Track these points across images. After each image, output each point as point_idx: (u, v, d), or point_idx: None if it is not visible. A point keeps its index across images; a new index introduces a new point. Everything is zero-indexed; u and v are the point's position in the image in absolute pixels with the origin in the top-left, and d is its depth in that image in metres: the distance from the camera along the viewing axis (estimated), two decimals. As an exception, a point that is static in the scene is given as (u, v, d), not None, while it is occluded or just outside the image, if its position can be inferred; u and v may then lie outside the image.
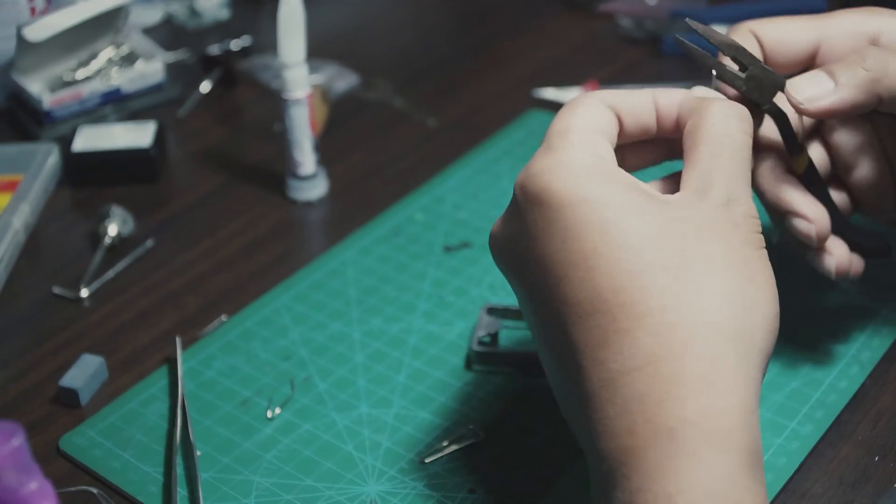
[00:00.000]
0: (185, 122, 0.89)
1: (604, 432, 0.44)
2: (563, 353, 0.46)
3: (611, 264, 0.44)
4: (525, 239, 0.47)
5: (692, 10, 0.99)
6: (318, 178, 0.79)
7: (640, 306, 0.44)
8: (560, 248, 0.46)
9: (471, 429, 0.60)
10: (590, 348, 0.44)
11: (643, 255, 0.45)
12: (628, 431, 0.43)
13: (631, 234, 0.45)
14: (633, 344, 0.43)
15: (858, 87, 0.53)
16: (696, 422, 0.42)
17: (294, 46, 0.75)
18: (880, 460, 0.57)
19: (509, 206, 0.49)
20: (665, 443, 0.42)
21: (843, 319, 0.65)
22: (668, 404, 0.42)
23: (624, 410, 0.43)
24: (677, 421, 0.42)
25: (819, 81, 0.54)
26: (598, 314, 0.44)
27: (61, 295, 0.71)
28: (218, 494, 0.56)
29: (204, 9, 1.02)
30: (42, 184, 0.80)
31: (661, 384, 0.43)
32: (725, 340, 0.44)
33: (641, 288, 0.44)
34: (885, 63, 0.53)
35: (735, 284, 0.45)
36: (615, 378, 0.43)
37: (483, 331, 0.65)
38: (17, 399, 0.64)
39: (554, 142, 0.49)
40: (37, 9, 0.88)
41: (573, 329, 0.45)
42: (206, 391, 0.63)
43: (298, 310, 0.68)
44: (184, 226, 0.78)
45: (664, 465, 0.42)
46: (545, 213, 0.46)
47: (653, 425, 0.42)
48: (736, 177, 0.48)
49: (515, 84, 0.92)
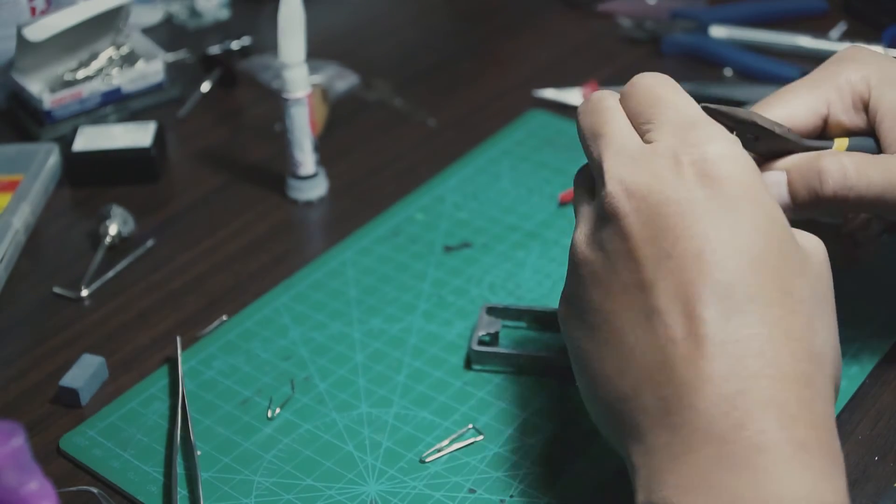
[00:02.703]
0: (185, 122, 0.89)
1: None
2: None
3: (768, 274, 0.46)
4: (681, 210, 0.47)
5: (692, 10, 0.99)
6: (318, 178, 0.79)
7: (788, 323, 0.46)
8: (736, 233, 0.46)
9: (471, 429, 0.60)
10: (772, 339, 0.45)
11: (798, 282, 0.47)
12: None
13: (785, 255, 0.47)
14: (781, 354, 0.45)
15: (814, 207, 0.56)
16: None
17: (294, 46, 0.75)
18: (880, 460, 0.57)
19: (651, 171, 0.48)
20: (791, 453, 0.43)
21: (844, 319, 0.65)
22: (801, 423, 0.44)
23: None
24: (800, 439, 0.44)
25: (776, 188, 0.57)
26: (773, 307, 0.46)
27: (61, 295, 0.71)
28: (218, 494, 0.56)
29: (204, 9, 1.02)
30: (42, 184, 0.80)
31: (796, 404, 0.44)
32: (830, 380, 0.47)
33: (791, 307, 0.46)
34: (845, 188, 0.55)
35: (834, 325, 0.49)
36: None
37: (483, 331, 0.65)
38: (17, 399, 0.64)
39: (712, 126, 0.49)
40: (37, 9, 0.88)
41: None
42: (206, 391, 0.63)
43: (298, 310, 0.68)
44: (184, 226, 0.78)
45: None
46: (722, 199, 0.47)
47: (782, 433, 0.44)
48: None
49: (515, 84, 0.92)
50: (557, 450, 0.58)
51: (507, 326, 0.66)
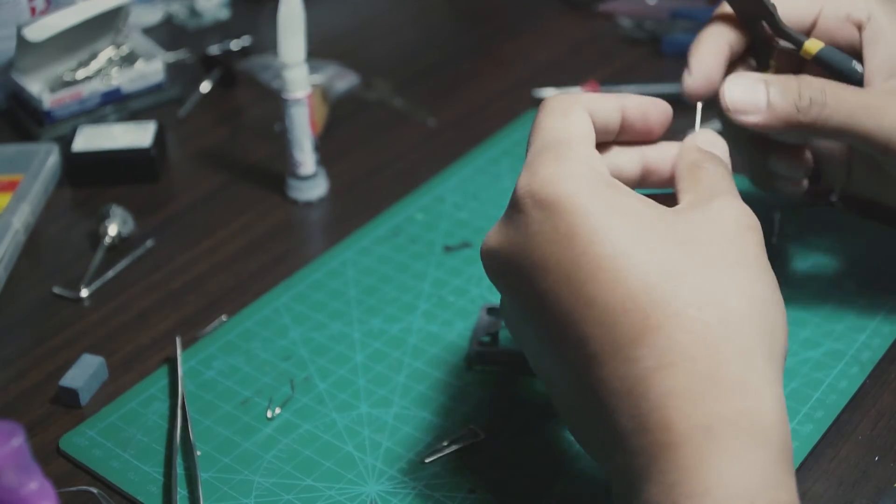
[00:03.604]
0: (185, 122, 0.89)
1: (636, 428, 0.43)
2: (580, 356, 0.46)
3: (641, 265, 0.45)
4: (533, 246, 0.47)
5: (692, 10, 0.99)
6: (318, 178, 0.79)
7: (673, 304, 0.44)
8: (582, 252, 0.46)
9: (471, 429, 0.60)
10: (620, 347, 0.44)
11: (672, 257, 0.45)
12: (664, 427, 0.43)
13: (656, 238, 0.46)
14: (668, 340, 0.44)
15: (785, 120, 0.57)
16: (733, 419, 0.42)
17: (294, 46, 0.75)
18: (880, 460, 0.57)
19: (509, 215, 0.49)
20: (702, 439, 0.42)
21: (843, 319, 0.65)
22: (705, 401, 0.43)
23: (659, 405, 0.43)
24: (715, 418, 0.42)
25: (753, 93, 0.57)
26: (630, 312, 0.44)
27: (61, 295, 0.71)
28: (218, 494, 0.56)
29: (204, 9, 1.02)
30: (42, 184, 0.80)
31: (697, 381, 0.43)
32: (755, 339, 0.45)
33: (673, 287, 0.44)
34: (819, 106, 0.56)
35: (754, 285, 0.46)
36: (649, 374, 0.43)
37: (483, 331, 0.65)
38: (17, 399, 0.64)
39: (560, 150, 0.49)
40: (37, 9, 0.88)
41: (598, 330, 0.45)
42: (206, 391, 0.63)
43: (298, 310, 0.68)
44: (184, 226, 0.78)
45: (702, 460, 0.42)
46: (565, 220, 0.46)
47: (690, 421, 0.42)
48: (732, 187, 0.50)
49: (515, 84, 0.92)
50: (557, 450, 0.58)
51: (507, 326, 0.66)
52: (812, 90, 0.57)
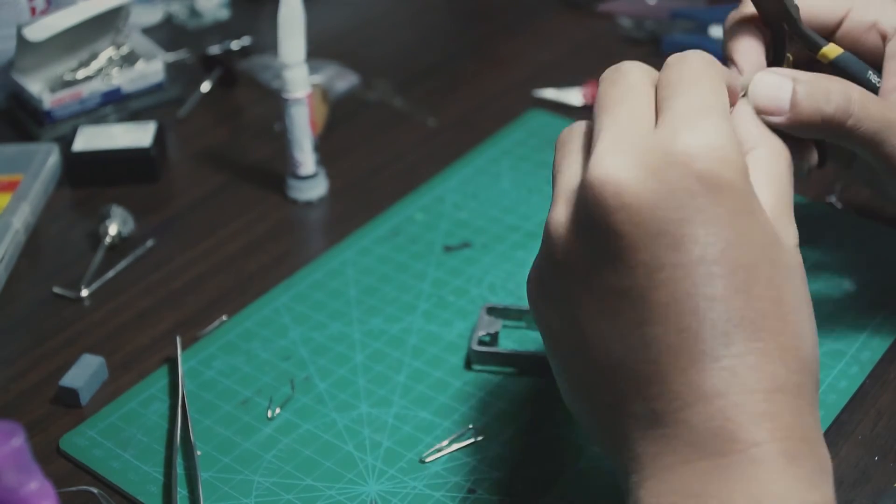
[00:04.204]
0: (185, 122, 0.89)
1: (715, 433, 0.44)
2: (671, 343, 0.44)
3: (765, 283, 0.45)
4: (683, 215, 0.44)
5: (692, 10, 0.99)
6: (318, 178, 0.79)
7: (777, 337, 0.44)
8: (723, 250, 0.44)
9: (471, 429, 0.60)
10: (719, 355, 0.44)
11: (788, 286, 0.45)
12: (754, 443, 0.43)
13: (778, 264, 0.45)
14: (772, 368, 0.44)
15: (809, 125, 0.53)
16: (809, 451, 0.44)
17: (294, 46, 0.75)
18: (880, 460, 0.57)
19: (654, 168, 0.44)
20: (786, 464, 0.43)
21: (843, 319, 0.65)
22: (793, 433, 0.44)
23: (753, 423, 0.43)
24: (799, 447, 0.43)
25: (779, 92, 0.54)
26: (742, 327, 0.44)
27: (61, 295, 0.71)
28: (218, 494, 0.56)
29: (204, 9, 1.02)
30: (42, 184, 0.80)
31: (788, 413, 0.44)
32: (816, 384, 0.46)
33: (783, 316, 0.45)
34: (845, 114, 0.54)
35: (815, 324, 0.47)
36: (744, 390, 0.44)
37: (483, 331, 0.65)
38: (17, 399, 0.64)
39: (716, 108, 0.46)
40: (37, 9, 0.88)
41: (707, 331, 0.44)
42: (206, 391, 0.63)
43: (298, 310, 0.68)
44: (184, 226, 0.78)
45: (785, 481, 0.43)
46: (727, 205, 0.44)
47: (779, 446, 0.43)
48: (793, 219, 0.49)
49: (515, 84, 0.92)
50: (557, 450, 0.58)
51: (507, 326, 0.66)
52: (840, 97, 0.54)
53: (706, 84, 0.47)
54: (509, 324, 0.66)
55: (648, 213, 0.44)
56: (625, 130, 0.46)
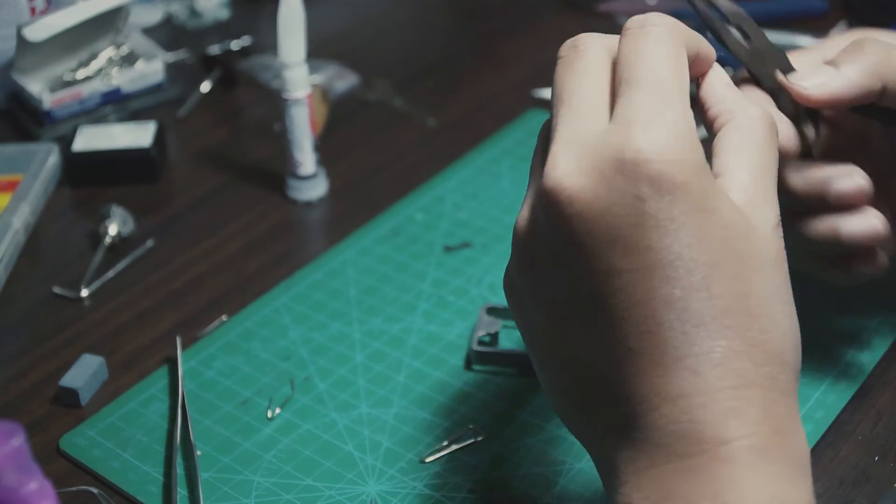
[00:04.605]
0: (185, 122, 0.89)
1: (683, 434, 0.43)
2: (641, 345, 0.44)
3: (726, 280, 0.44)
4: (634, 219, 0.43)
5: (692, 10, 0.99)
6: (318, 178, 0.79)
7: (747, 333, 0.44)
8: (681, 252, 0.43)
9: (471, 429, 0.60)
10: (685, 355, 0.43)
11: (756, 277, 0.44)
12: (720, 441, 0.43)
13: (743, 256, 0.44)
14: (739, 365, 0.43)
15: (862, 71, 0.54)
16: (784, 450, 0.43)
17: (294, 46, 0.75)
18: (880, 460, 0.57)
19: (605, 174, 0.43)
20: (759, 462, 0.42)
21: (844, 319, 0.65)
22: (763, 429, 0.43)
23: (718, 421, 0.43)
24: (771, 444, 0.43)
25: (822, 69, 0.54)
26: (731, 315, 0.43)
27: (61, 295, 0.71)
28: (218, 494, 0.56)
29: (204, 9, 1.02)
30: (42, 184, 0.80)
31: (759, 408, 0.43)
32: (796, 375, 0.45)
33: (755, 315, 0.44)
34: (885, 51, 0.54)
35: (793, 311, 0.46)
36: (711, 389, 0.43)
37: (483, 331, 0.65)
38: (17, 399, 0.64)
39: (679, 118, 0.44)
40: (37, 9, 0.88)
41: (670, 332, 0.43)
42: (206, 391, 0.63)
43: (298, 310, 0.68)
44: (184, 226, 0.78)
45: (756, 480, 0.42)
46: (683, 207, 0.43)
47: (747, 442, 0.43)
48: (775, 195, 0.47)
49: (515, 84, 0.92)
50: (557, 450, 0.58)
51: (507, 326, 0.66)
52: (871, 38, 0.54)
53: (665, 64, 0.45)
54: (509, 324, 0.66)
55: (600, 220, 0.43)
56: (577, 128, 0.45)
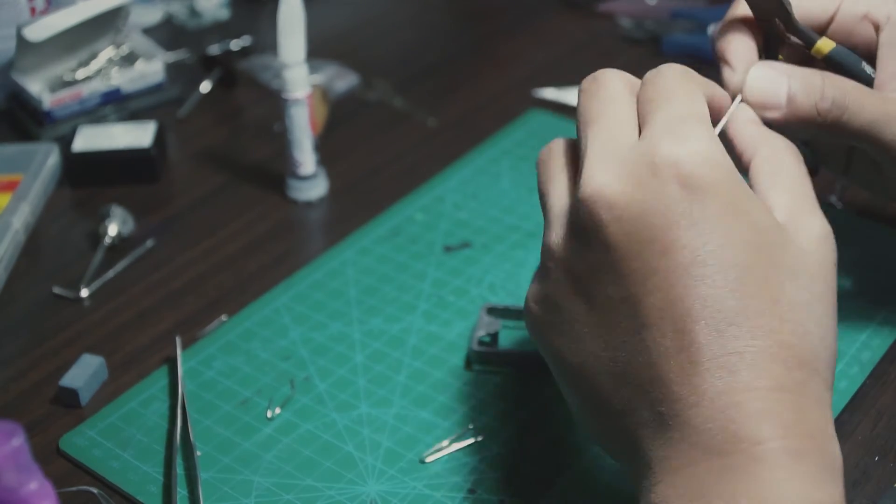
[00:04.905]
0: (185, 122, 0.89)
1: (717, 432, 0.44)
2: (669, 346, 0.45)
3: (756, 286, 0.45)
4: (668, 219, 0.45)
5: (692, 10, 0.99)
6: (318, 178, 0.79)
7: (776, 335, 0.44)
8: (711, 252, 0.45)
9: (471, 429, 0.60)
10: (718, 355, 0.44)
11: (782, 284, 0.45)
12: (756, 441, 0.43)
13: (776, 263, 0.46)
14: (767, 366, 0.44)
15: (804, 119, 0.55)
16: (818, 452, 0.44)
17: (294, 46, 0.75)
18: (880, 460, 0.57)
19: (637, 174, 0.46)
20: (792, 462, 0.43)
21: (843, 319, 0.65)
22: (796, 430, 0.43)
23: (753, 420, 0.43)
24: (805, 445, 0.43)
25: (775, 88, 0.55)
26: (736, 327, 0.44)
27: (61, 295, 0.71)
28: (218, 494, 0.56)
29: (204, 9, 1.02)
30: (42, 184, 0.80)
31: (790, 410, 0.44)
32: (830, 377, 0.46)
33: (778, 316, 0.45)
34: (840, 110, 0.55)
35: (833, 320, 0.47)
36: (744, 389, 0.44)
37: (483, 331, 0.65)
38: (17, 399, 0.64)
39: (709, 131, 0.47)
40: (37, 9, 0.88)
41: (703, 333, 0.44)
42: (206, 391, 0.63)
43: (298, 310, 0.68)
44: (184, 226, 0.78)
45: (790, 481, 0.43)
46: (710, 208, 0.45)
47: (782, 443, 0.43)
48: (817, 209, 0.49)
49: (515, 84, 0.92)
50: (557, 450, 0.58)
51: (507, 326, 0.66)
52: (835, 91, 0.55)
53: (682, 95, 0.49)
54: (509, 324, 0.66)
55: (637, 222, 0.45)
56: (609, 144, 0.48)
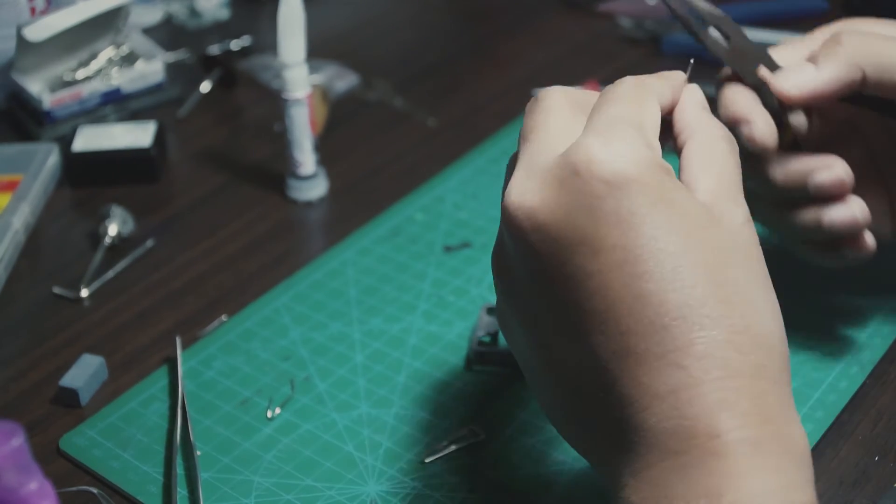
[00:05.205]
0: (185, 122, 0.89)
1: (674, 430, 0.43)
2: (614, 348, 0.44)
3: (698, 274, 0.44)
4: (588, 220, 0.44)
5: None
6: (318, 178, 0.79)
7: (724, 321, 0.43)
8: (645, 244, 0.43)
9: (471, 429, 0.60)
10: (667, 351, 0.43)
11: (724, 272, 0.44)
12: (712, 435, 0.42)
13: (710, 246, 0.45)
14: (719, 357, 0.43)
15: (839, 65, 0.55)
16: (778, 440, 0.43)
17: (294, 46, 0.75)
18: (880, 460, 0.57)
19: (559, 176, 0.45)
20: (751, 453, 0.42)
21: (843, 319, 0.65)
22: (753, 419, 0.43)
23: (707, 414, 0.42)
24: (763, 436, 0.42)
25: (801, 68, 0.56)
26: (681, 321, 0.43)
27: (61, 295, 0.71)
28: (218, 494, 0.56)
29: (204, 9, 1.02)
30: (42, 184, 0.80)
31: (747, 398, 0.43)
32: (785, 361, 0.45)
33: (725, 303, 0.44)
34: (861, 41, 0.55)
35: (776, 304, 0.46)
36: (697, 383, 0.43)
37: (483, 331, 0.65)
38: (17, 399, 0.64)
39: (638, 131, 0.46)
40: (37, 9, 0.88)
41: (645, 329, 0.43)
42: (206, 391, 0.63)
43: (298, 310, 0.68)
44: (184, 226, 0.78)
45: (750, 473, 0.42)
46: (633, 203, 0.44)
47: (739, 434, 0.42)
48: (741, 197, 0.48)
49: (515, 84, 0.92)
50: (557, 450, 0.58)
51: (507, 326, 0.66)
52: (848, 31, 0.55)
53: (621, 100, 0.48)
54: (509, 324, 0.66)
55: (563, 225, 0.45)
56: (537, 155, 0.47)
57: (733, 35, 0.55)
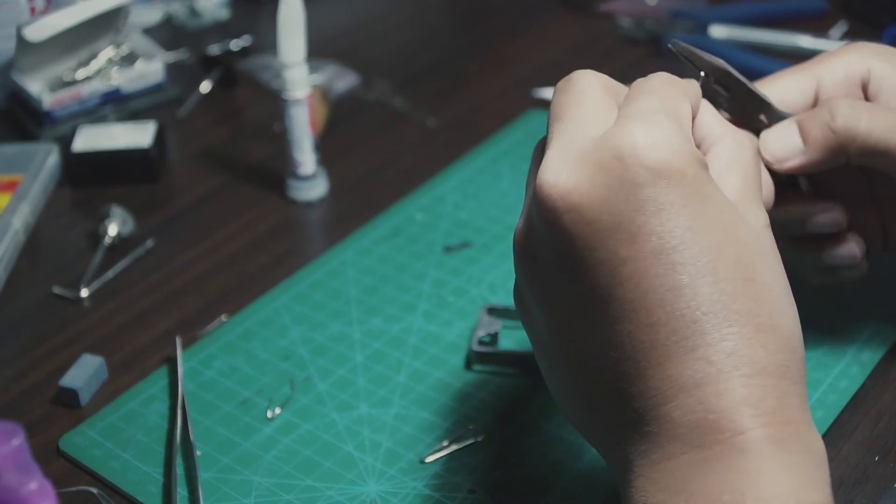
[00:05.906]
0: (185, 122, 0.89)
1: (698, 424, 0.43)
2: (642, 339, 0.44)
3: (730, 269, 0.44)
4: (627, 206, 0.44)
5: (692, 10, 0.99)
6: (318, 178, 0.79)
7: (754, 320, 0.44)
8: (682, 235, 0.43)
9: (471, 429, 0.60)
10: (696, 345, 0.43)
11: (758, 265, 0.45)
12: (737, 431, 0.42)
13: (743, 243, 0.45)
14: (748, 353, 0.43)
15: (826, 148, 0.55)
16: (799, 440, 0.43)
17: (294, 46, 0.75)
18: (880, 460, 0.57)
19: (599, 161, 0.44)
20: (775, 451, 0.42)
21: (843, 319, 0.65)
22: (777, 418, 0.43)
23: (733, 409, 0.42)
24: (787, 434, 0.43)
25: (788, 138, 0.56)
26: (712, 315, 0.43)
27: (61, 295, 0.71)
28: (218, 494, 0.56)
29: (204, 9, 1.02)
30: (42, 184, 0.80)
31: (772, 397, 0.43)
32: (803, 364, 0.45)
33: (754, 300, 0.44)
34: (855, 120, 0.54)
35: (794, 301, 0.46)
36: (724, 378, 0.43)
37: (483, 331, 0.65)
38: (17, 399, 0.64)
39: (682, 127, 0.46)
40: (37, 9, 0.88)
41: (676, 322, 0.43)
42: (206, 391, 0.63)
43: (298, 310, 0.68)
44: (184, 226, 0.78)
45: (773, 469, 0.42)
46: (675, 194, 0.43)
47: (764, 432, 0.42)
48: (762, 205, 0.49)
49: (515, 84, 0.92)
50: (557, 450, 0.58)
51: (507, 326, 0.66)
52: (843, 107, 0.55)
53: (659, 94, 0.48)
54: (509, 324, 0.66)
55: (599, 208, 0.44)
56: (573, 136, 0.46)
57: (734, 87, 0.55)
